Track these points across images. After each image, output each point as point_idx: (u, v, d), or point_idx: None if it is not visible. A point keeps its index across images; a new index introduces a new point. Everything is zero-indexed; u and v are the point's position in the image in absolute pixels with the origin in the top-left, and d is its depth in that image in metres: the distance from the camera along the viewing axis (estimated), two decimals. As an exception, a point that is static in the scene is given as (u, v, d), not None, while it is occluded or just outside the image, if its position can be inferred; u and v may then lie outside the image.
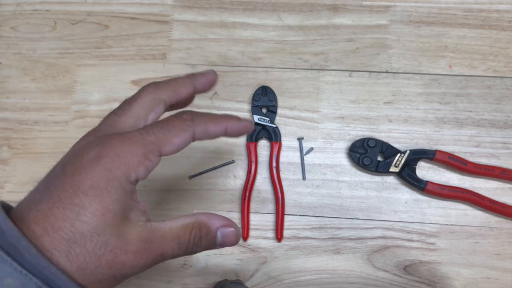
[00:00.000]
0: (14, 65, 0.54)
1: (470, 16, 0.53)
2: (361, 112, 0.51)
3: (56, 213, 0.24)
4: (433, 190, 0.47)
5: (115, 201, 0.25)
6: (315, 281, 0.47)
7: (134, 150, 0.26)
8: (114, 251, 0.25)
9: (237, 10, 0.54)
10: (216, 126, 0.30)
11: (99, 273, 0.25)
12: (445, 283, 0.47)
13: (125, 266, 0.25)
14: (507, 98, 0.51)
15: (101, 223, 0.24)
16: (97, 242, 0.24)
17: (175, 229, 0.27)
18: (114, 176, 0.25)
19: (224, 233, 0.30)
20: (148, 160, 0.26)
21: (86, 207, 0.24)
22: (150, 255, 0.26)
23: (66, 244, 0.24)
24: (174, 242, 0.27)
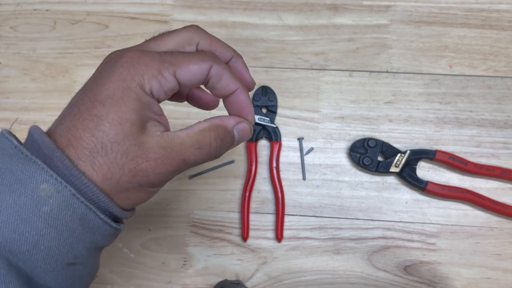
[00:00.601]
0: (13, 65, 0.54)
1: (470, 16, 0.53)
2: (361, 112, 0.51)
3: (77, 125, 0.25)
4: (433, 190, 0.47)
5: (132, 111, 0.25)
6: (315, 282, 0.47)
7: (149, 63, 0.26)
8: (135, 159, 0.25)
9: (237, 10, 0.54)
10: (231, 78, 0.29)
11: (125, 182, 0.25)
12: (446, 283, 0.47)
13: (149, 173, 0.26)
14: (507, 98, 0.51)
15: (120, 132, 0.25)
16: (118, 151, 0.25)
17: (193, 135, 0.28)
18: (129, 86, 0.25)
19: (239, 129, 0.30)
20: (162, 77, 0.26)
21: (103, 117, 0.25)
22: (171, 161, 0.26)
23: (89, 154, 0.25)
24: (194, 147, 0.27)
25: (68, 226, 0.24)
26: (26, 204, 0.23)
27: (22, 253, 0.23)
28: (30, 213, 0.23)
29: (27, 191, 0.23)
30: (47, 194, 0.23)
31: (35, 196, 0.23)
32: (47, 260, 0.24)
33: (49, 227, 0.24)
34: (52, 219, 0.24)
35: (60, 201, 0.24)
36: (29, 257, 0.23)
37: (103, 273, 0.48)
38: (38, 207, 0.23)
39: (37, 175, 0.23)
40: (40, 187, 0.23)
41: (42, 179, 0.23)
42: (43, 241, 0.23)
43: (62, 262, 0.25)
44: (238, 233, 0.49)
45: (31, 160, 0.24)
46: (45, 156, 0.24)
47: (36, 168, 0.23)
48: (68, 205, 0.24)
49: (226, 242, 0.48)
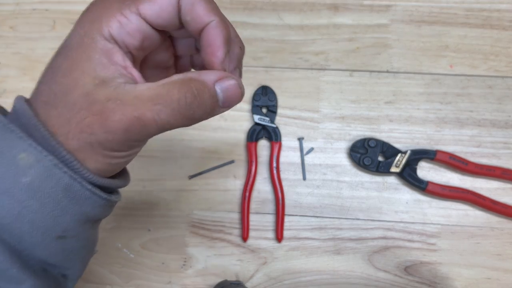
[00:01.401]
0: (13, 65, 0.54)
1: (471, 16, 0.53)
2: (361, 112, 0.51)
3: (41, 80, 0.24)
4: (434, 190, 0.47)
5: (85, 59, 0.23)
6: (316, 282, 0.47)
7: (109, 6, 0.24)
8: (80, 112, 0.22)
9: (237, 10, 0.54)
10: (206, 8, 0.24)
11: (73, 139, 0.23)
12: (446, 283, 0.47)
13: (95, 131, 0.22)
14: (508, 98, 0.50)
15: (70, 82, 0.23)
16: (66, 102, 0.22)
17: (154, 88, 0.23)
18: (85, 32, 0.23)
19: (224, 86, 0.25)
20: (122, 16, 0.23)
21: (58, 66, 0.23)
22: (120, 118, 0.22)
23: (44, 107, 0.23)
24: (153, 103, 0.22)
25: (51, 197, 0.22)
26: (5, 174, 0.22)
27: (6, 225, 0.22)
28: (10, 184, 0.22)
29: (6, 160, 0.22)
30: (26, 164, 0.22)
31: (14, 166, 0.22)
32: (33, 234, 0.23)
33: (30, 198, 0.22)
34: (33, 191, 0.22)
35: (41, 171, 0.22)
36: (13, 230, 0.22)
37: (102, 273, 0.48)
38: (18, 177, 0.22)
39: (16, 143, 0.22)
40: (19, 156, 0.22)
41: (20, 148, 0.22)
42: (26, 213, 0.22)
43: (50, 235, 0.23)
44: (238, 234, 0.49)
45: (9, 128, 0.22)
46: (24, 124, 0.22)
47: (14, 137, 0.22)
48: (50, 176, 0.22)
49: (226, 243, 0.48)
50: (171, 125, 0.23)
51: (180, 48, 0.29)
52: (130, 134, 0.23)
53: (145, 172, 0.50)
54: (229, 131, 0.51)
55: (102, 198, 0.24)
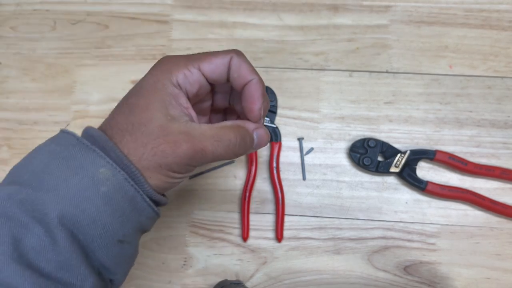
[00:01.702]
0: (14, 65, 0.54)
1: (470, 16, 0.53)
2: (361, 112, 0.51)
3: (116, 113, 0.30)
4: (433, 190, 0.47)
5: (159, 99, 0.29)
6: (315, 282, 0.47)
7: (177, 62, 0.31)
8: (157, 139, 0.28)
9: (237, 10, 0.54)
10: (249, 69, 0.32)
11: (145, 160, 0.28)
12: (446, 283, 0.47)
13: (167, 154, 0.28)
14: (507, 98, 0.51)
15: (148, 115, 0.29)
16: (143, 131, 0.28)
17: (215, 129, 0.30)
18: (158, 79, 0.30)
19: (259, 133, 0.33)
20: (187, 70, 0.31)
21: (135, 103, 0.30)
22: (189, 147, 0.29)
23: (121, 134, 0.29)
24: (213, 139, 0.30)
25: (120, 205, 0.28)
26: (88, 185, 0.27)
27: (83, 227, 0.26)
28: (90, 192, 0.27)
29: (89, 173, 0.27)
30: (105, 177, 0.27)
31: (95, 178, 0.27)
32: (103, 235, 0.27)
33: (105, 205, 0.27)
34: (108, 198, 0.27)
35: (115, 184, 0.27)
36: (89, 231, 0.27)
37: (103, 273, 0.48)
38: (98, 187, 0.27)
39: (97, 161, 0.27)
40: (100, 170, 0.27)
41: (101, 164, 0.27)
42: (100, 217, 0.27)
43: (114, 239, 0.28)
44: (238, 233, 0.49)
45: (91, 149, 0.27)
46: (101, 146, 0.28)
47: (95, 156, 0.27)
48: (121, 188, 0.27)
49: (226, 242, 0.49)
50: (222, 157, 0.31)
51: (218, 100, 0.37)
52: (193, 160, 0.29)
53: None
54: (229, 131, 0.51)
55: (154, 210, 0.30)
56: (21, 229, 0.25)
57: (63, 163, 0.27)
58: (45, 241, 0.25)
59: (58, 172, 0.27)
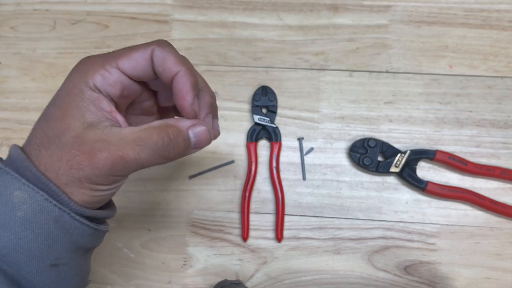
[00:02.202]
0: (13, 65, 0.54)
1: (470, 16, 0.53)
2: (361, 112, 0.51)
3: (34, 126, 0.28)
4: (433, 190, 0.47)
5: (75, 107, 0.27)
6: (316, 282, 0.47)
7: (94, 62, 0.28)
8: (71, 151, 0.26)
9: (237, 10, 0.54)
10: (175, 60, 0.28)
11: (63, 175, 0.26)
12: (446, 283, 0.47)
13: (83, 167, 0.26)
14: (507, 98, 0.51)
15: (62, 125, 0.26)
16: (58, 144, 0.26)
17: (137, 132, 0.27)
18: (74, 85, 0.27)
19: (196, 132, 0.29)
20: (104, 70, 0.27)
21: (51, 113, 0.27)
22: (106, 155, 0.26)
23: (37, 149, 0.26)
24: (135, 144, 0.26)
25: (43, 228, 0.25)
26: (2, 211, 0.25)
27: (4, 256, 0.25)
28: (6, 218, 0.25)
29: (2, 198, 0.25)
30: (20, 200, 0.25)
31: (10, 202, 0.25)
32: (29, 262, 0.25)
33: (25, 230, 0.25)
34: (27, 223, 0.25)
35: (34, 206, 0.25)
36: (11, 260, 0.25)
37: (103, 273, 0.48)
38: (13, 212, 0.25)
39: (11, 183, 0.25)
40: (14, 194, 0.25)
41: (15, 187, 0.25)
42: (21, 244, 0.25)
43: (44, 264, 0.26)
44: (238, 233, 0.49)
45: (5, 171, 0.25)
46: (18, 167, 0.26)
47: (9, 178, 0.25)
48: (42, 209, 0.25)
49: (226, 242, 0.49)
50: (149, 162, 0.27)
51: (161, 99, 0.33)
52: (114, 170, 0.26)
53: (146, 172, 0.50)
54: (229, 131, 0.51)
55: (90, 227, 0.28)
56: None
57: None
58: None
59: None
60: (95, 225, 0.28)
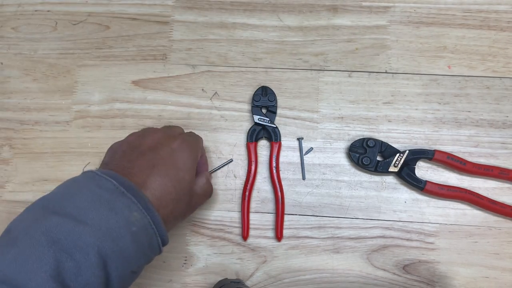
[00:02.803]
0: (15, 66, 0.55)
1: (469, 17, 0.53)
2: (360, 112, 0.51)
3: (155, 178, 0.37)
4: (432, 189, 0.48)
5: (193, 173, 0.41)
6: (315, 280, 0.47)
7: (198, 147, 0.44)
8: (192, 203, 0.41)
9: (237, 11, 0.55)
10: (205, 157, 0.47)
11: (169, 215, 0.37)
12: (444, 282, 0.47)
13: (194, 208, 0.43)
14: (506, 98, 0.51)
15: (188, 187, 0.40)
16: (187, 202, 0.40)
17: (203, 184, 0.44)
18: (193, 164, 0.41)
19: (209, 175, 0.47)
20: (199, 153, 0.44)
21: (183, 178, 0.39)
22: (203, 200, 0.44)
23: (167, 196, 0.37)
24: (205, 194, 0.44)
25: (142, 243, 0.33)
26: (123, 224, 0.32)
27: (114, 259, 0.31)
28: (124, 231, 0.32)
29: (124, 215, 0.32)
30: (135, 219, 0.33)
31: (129, 219, 0.32)
32: (125, 266, 0.32)
33: (133, 242, 0.32)
34: (136, 236, 0.33)
35: (141, 225, 0.33)
36: (117, 261, 0.31)
37: (104, 272, 0.48)
38: (130, 227, 0.32)
39: (131, 206, 0.33)
40: (133, 214, 0.33)
41: (134, 209, 0.33)
42: (127, 251, 0.32)
43: (130, 269, 0.33)
44: (238, 232, 0.49)
45: (127, 195, 0.33)
46: (133, 194, 0.34)
47: (130, 202, 0.33)
48: (145, 229, 0.33)
49: (226, 241, 0.49)
50: None
51: None
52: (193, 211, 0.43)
53: (146, 171, 0.50)
54: (229, 131, 0.51)
55: (160, 250, 0.36)
56: (63, 253, 0.29)
57: (105, 205, 0.32)
58: (81, 266, 0.29)
59: (101, 211, 0.32)
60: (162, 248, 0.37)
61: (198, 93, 0.52)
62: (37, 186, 0.51)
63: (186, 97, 0.52)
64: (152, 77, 0.53)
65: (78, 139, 0.52)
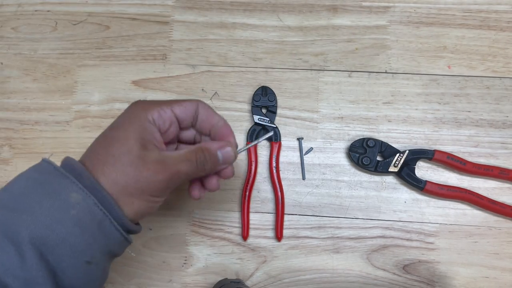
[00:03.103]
0: (15, 66, 0.55)
1: (469, 17, 0.53)
2: (360, 112, 0.51)
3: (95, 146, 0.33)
4: (432, 189, 0.48)
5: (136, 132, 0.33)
6: (315, 280, 0.47)
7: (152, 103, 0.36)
8: (138, 168, 0.32)
9: (237, 11, 0.55)
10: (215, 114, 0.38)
11: (129, 187, 0.31)
12: (444, 282, 0.47)
13: (148, 180, 0.32)
14: (505, 98, 0.51)
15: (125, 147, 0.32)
16: (124, 161, 0.31)
17: (183, 154, 0.35)
18: (136, 116, 0.34)
19: (223, 151, 0.37)
20: (161, 109, 0.35)
21: (114, 137, 0.33)
22: (166, 171, 0.33)
23: (102, 165, 0.31)
24: (184, 162, 0.34)
25: (89, 227, 0.30)
26: (60, 207, 0.29)
27: (52, 247, 0.28)
28: (61, 214, 0.29)
29: (61, 197, 0.29)
30: (75, 201, 0.29)
31: (67, 201, 0.29)
32: (71, 255, 0.29)
33: (75, 226, 0.29)
34: (77, 220, 0.29)
35: (84, 207, 0.29)
36: (58, 251, 0.28)
37: (104, 272, 0.48)
38: (68, 210, 0.29)
39: (70, 186, 0.30)
40: (71, 195, 0.29)
41: (72, 190, 0.30)
42: (69, 238, 0.29)
43: (81, 260, 0.30)
44: (238, 232, 0.49)
45: (65, 175, 0.30)
46: (76, 174, 0.30)
47: (68, 182, 0.30)
48: (90, 211, 0.30)
49: (226, 241, 0.49)
50: (194, 174, 0.35)
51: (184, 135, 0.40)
52: (171, 183, 0.33)
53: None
54: (229, 131, 0.51)
55: (123, 235, 0.32)
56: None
57: (39, 187, 0.29)
58: (14, 259, 0.27)
59: (33, 195, 0.29)
60: (127, 234, 0.33)
61: (198, 93, 0.52)
62: (37, 186, 0.51)
63: (186, 97, 0.52)
64: (152, 77, 0.53)
65: (78, 139, 0.52)
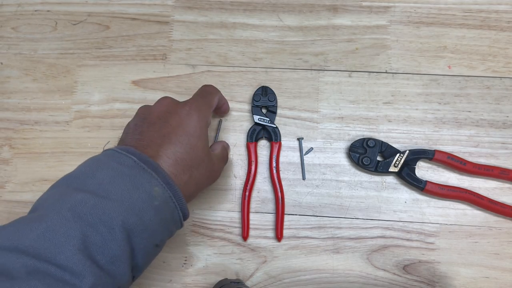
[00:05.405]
0: (15, 66, 0.55)
1: (469, 17, 0.53)
2: (360, 112, 0.51)
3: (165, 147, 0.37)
4: (432, 190, 0.48)
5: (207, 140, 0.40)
6: (315, 281, 0.47)
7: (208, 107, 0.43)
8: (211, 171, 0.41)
9: (237, 11, 0.55)
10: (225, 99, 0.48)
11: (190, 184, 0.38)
12: (445, 282, 0.47)
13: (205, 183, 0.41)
14: (506, 98, 0.51)
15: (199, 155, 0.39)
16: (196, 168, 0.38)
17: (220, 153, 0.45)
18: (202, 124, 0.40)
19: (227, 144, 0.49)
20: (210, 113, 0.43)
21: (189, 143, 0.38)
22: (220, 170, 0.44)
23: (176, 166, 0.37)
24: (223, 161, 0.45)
25: (165, 217, 0.35)
26: (145, 198, 0.33)
27: (138, 232, 0.32)
28: (147, 205, 0.33)
29: (146, 190, 0.33)
30: (157, 194, 0.34)
31: (151, 194, 0.33)
32: (148, 239, 0.33)
33: (156, 215, 0.34)
34: (158, 210, 0.34)
35: (163, 200, 0.34)
36: (141, 235, 0.33)
37: (104, 272, 0.48)
38: (152, 201, 0.33)
39: (152, 181, 0.34)
40: (154, 188, 0.34)
41: (155, 184, 0.34)
42: (151, 225, 0.33)
43: (154, 243, 0.34)
44: (238, 233, 0.49)
45: (147, 171, 0.34)
46: (153, 168, 0.34)
47: (151, 177, 0.34)
48: (167, 203, 0.35)
49: (226, 242, 0.49)
50: None
51: None
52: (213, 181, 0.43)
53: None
54: (229, 131, 0.51)
55: (182, 224, 0.38)
56: (89, 228, 0.30)
57: (127, 180, 0.33)
58: (107, 239, 0.31)
59: (123, 186, 0.33)
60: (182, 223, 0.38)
61: (198, 93, 0.52)
62: (37, 186, 0.51)
63: (186, 97, 0.52)
64: (152, 77, 0.53)
65: (78, 139, 0.52)
